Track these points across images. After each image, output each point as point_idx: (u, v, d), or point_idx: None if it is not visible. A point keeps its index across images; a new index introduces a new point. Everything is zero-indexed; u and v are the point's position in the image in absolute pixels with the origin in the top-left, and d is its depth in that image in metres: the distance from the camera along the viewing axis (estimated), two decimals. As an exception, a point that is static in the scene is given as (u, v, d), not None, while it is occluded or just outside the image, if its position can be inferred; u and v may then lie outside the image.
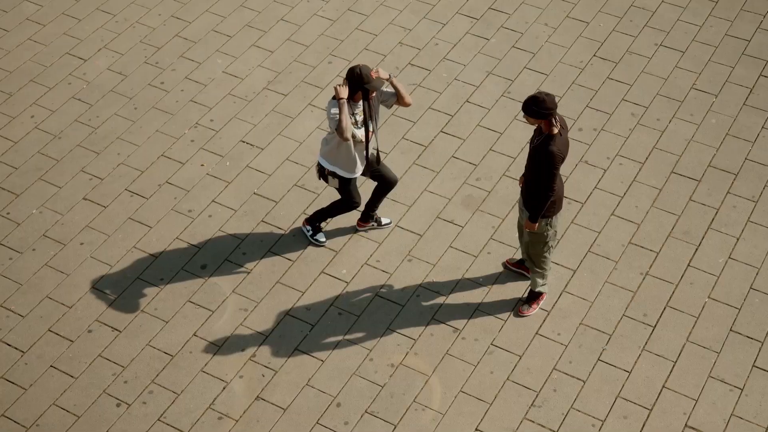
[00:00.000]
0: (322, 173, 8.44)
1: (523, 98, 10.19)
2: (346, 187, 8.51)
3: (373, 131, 8.22)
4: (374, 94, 8.19)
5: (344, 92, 7.97)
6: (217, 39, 10.96)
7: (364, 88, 7.96)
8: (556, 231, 7.96)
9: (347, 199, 8.62)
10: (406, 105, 8.27)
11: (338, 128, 7.93)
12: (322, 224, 9.10)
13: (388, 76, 8.06)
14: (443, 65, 10.60)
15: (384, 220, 9.11)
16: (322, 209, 8.81)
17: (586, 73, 10.49)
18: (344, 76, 8.06)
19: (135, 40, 10.95)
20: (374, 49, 10.76)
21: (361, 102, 8.11)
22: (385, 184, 8.70)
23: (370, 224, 9.09)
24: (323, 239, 8.97)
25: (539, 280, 8.31)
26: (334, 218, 9.19)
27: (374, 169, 8.57)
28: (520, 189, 8.05)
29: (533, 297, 8.46)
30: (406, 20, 11.11)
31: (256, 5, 11.35)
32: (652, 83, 10.38)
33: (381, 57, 10.65)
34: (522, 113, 10.06)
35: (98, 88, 10.43)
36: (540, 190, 7.60)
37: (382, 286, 8.71)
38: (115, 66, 10.66)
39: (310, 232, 8.98)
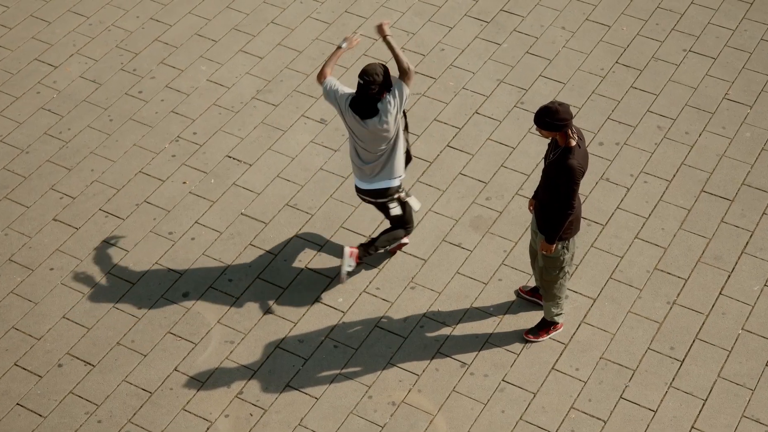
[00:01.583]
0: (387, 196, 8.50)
1: (538, 109, 10.28)
2: (403, 208, 8.58)
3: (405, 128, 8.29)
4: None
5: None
6: (201, 44, 11.06)
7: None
8: (573, 255, 8.03)
9: (403, 220, 8.67)
10: (405, 72, 8.06)
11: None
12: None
13: (384, 34, 8.06)
14: (450, 73, 10.70)
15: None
16: (382, 239, 8.74)
17: (607, 82, 10.58)
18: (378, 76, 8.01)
19: (110, 44, 11.04)
20: (374, 55, 10.85)
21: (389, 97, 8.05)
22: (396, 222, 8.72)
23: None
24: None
25: (554, 310, 8.37)
26: (332, 239, 9.26)
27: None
28: (532, 211, 8.11)
29: (544, 326, 8.53)
30: (409, 23, 11.20)
31: (243, 7, 11.45)
32: (681, 93, 10.47)
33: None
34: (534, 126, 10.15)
35: (70, 98, 10.52)
36: (558, 208, 7.66)
37: (382, 317, 8.78)
38: (88, 73, 10.75)
39: (351, 268, 8.72)
